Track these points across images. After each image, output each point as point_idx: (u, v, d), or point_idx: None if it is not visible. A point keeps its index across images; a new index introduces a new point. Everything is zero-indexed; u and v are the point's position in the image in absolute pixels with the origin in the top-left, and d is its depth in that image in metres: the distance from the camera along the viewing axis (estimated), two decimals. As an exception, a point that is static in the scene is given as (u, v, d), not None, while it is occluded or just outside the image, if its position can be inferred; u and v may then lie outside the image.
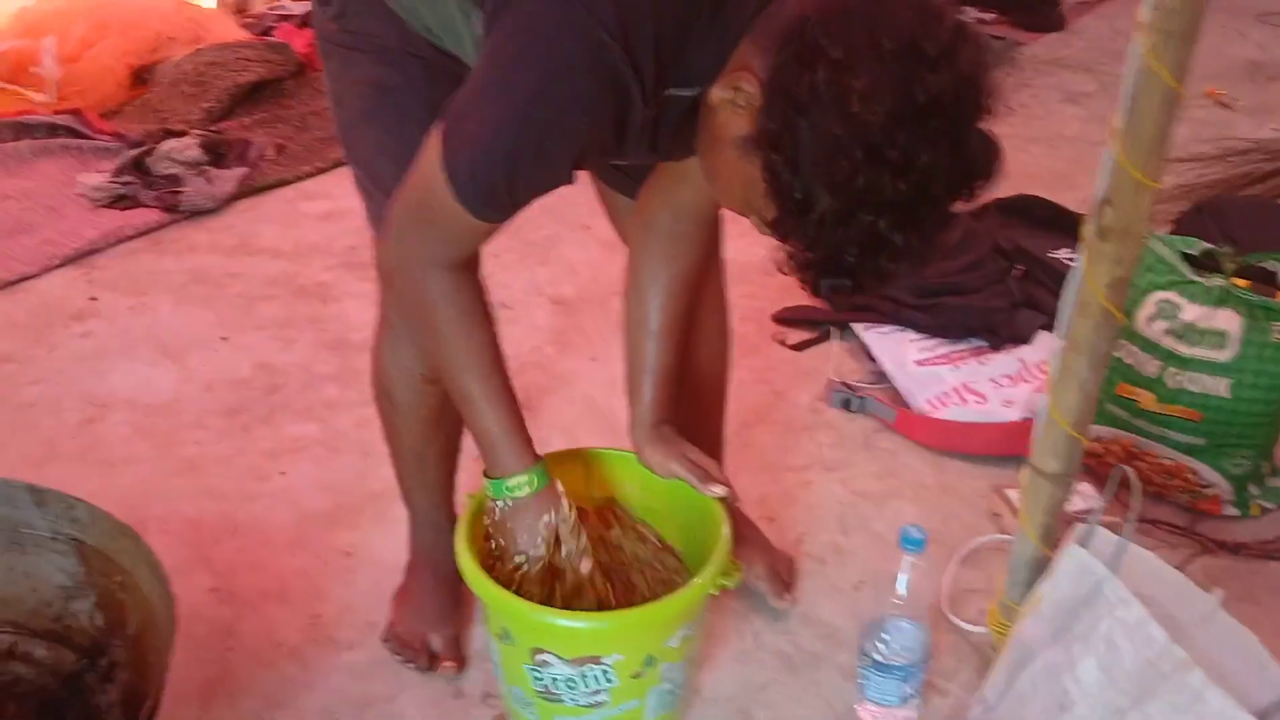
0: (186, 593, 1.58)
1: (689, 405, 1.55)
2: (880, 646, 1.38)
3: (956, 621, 1.56)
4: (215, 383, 2.04)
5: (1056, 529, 1.33)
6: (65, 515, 1.37)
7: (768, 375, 2.08)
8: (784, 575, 1.60)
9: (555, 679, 1.24)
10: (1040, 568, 1.33)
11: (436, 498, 1.52)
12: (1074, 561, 1.23)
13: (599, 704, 1.26)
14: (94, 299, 2.29)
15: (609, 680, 1.24)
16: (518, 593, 1.23)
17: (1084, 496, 1.69)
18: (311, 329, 2.21)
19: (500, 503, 1.26)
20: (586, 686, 1.24)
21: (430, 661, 1.49)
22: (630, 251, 1.39)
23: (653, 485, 1.40)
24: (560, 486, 1.28)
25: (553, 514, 1.27)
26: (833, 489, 1.82)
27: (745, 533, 1.61)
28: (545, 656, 1.23)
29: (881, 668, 1.37)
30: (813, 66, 0.94)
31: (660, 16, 1.03)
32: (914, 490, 1.83)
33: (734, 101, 1.02)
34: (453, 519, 1.55)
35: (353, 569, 1.65)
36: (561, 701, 1.26)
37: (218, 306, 2.28)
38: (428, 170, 1.10)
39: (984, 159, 0.98)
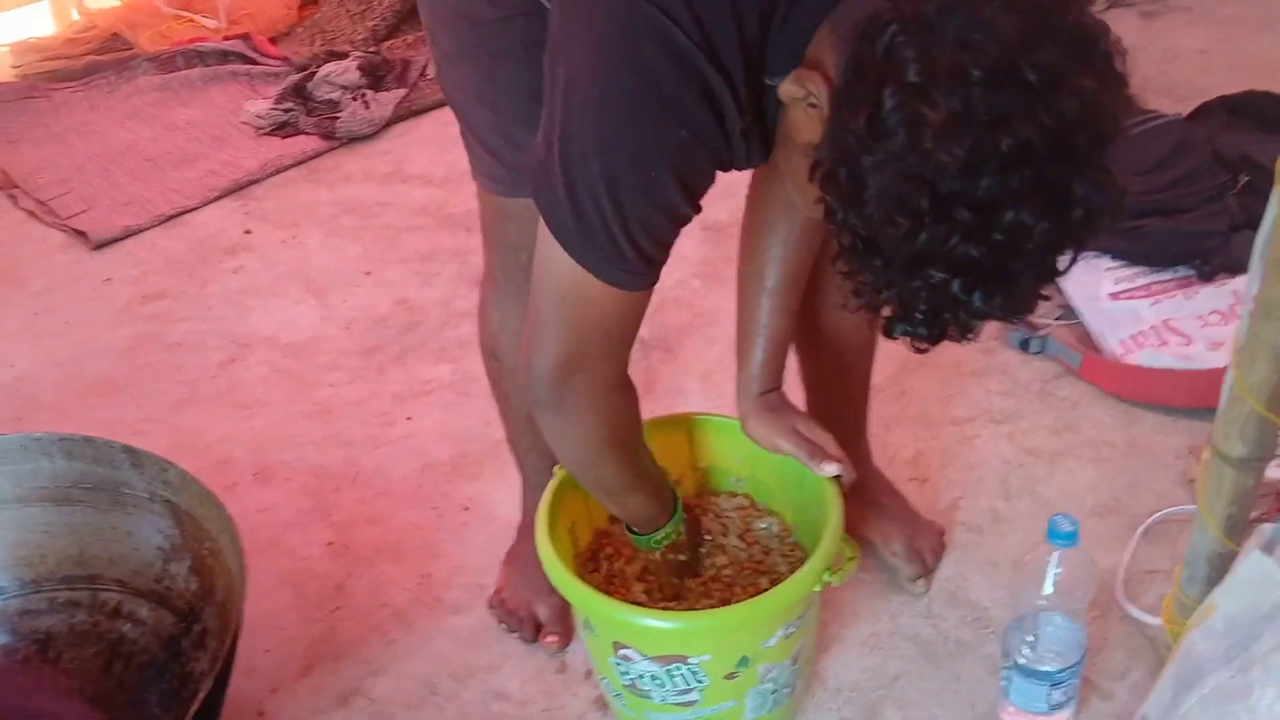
0: (303, 547, 1.57)
1: (828, 363, 1.38)
2: (1025, 648, 1.19)
3: (1131, 610, 1.35)
4: (355, 321, 2.00)
5: (1244, 521, 1.10)
6: (159, 478, 1.34)
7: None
8: (926, 553, 1.42)
9: (640, 674, 1.12)
10: (1223, 565, 1.10)
11: (550, 459, 1.41)
12: (1256, 569, 1.00)
13: (690, 703, 1.13)
14: (248, 232, 2.29)
15: (699, 680, 1.11)
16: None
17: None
18: (454, 262, 2.13)
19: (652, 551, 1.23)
20: (674, 685, 1.12)
21: (535, 632, 1.40)
22: (749, 193, 1.22)
23: (762, 458, 1.24)
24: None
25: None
26: (999, 445, 1.61)
27: (884, 501, 1.43)
28: (627, 651, 1.11)
29: (1027, 671, 1.18)
30: (882, 85, 0.76)
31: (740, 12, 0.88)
32: (1095, 449, 1.59)
33: (805, 101, 0.87)
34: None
35: (468, 524, 1.58)
36: (649, 698, 1.14)
37: (365, 239, 2.24)
38: (543, 254, 0.97)
39: (1091, 214, 0.77)
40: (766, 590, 1.22)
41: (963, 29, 0.75)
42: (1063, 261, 0.82)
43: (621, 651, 1.11)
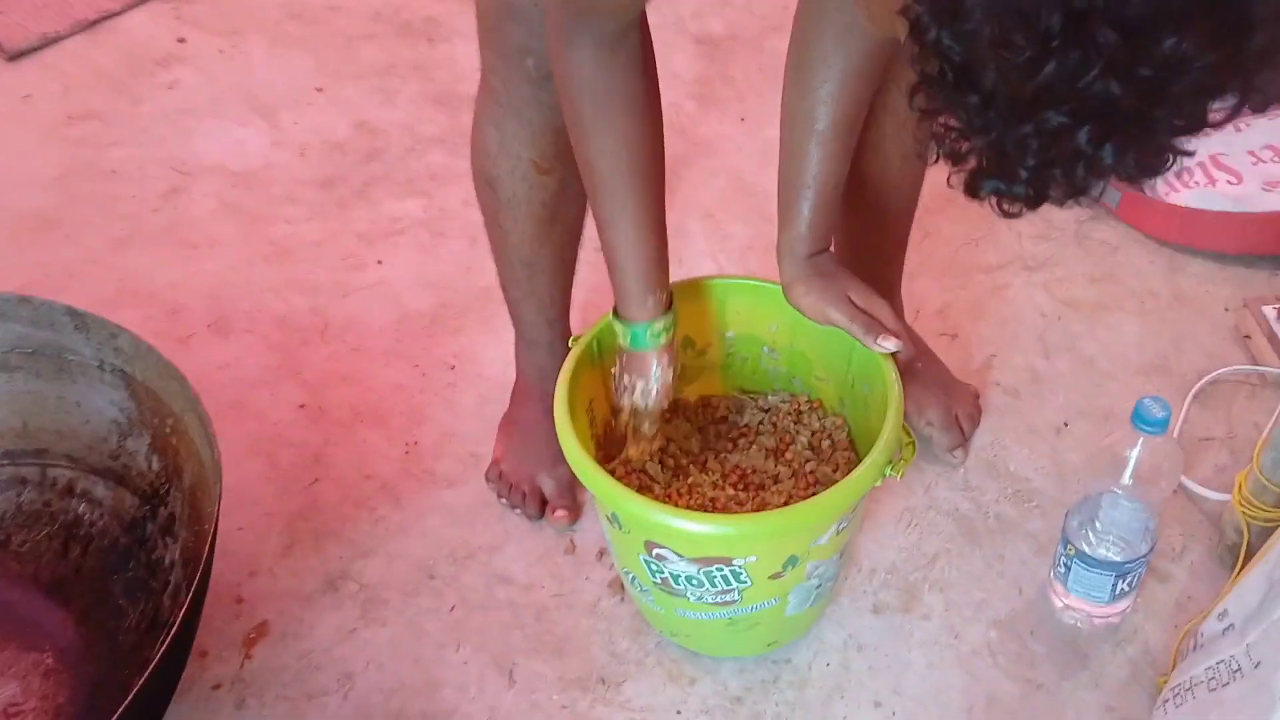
0: (272, 409, 1.41)
1: (867, 216, 1.23)
2: (1090, 534, 1.09)
3: (1186, 483, 1.25)
4: (309, 146, 1.79)
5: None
6: (109, 344, 1.17)
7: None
8: (962, 419, 1.30)
9: (675, 575, 1.01)
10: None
11: (550, 311, 1.26)
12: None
13: (728, 603, 1.02)
14: (182, 40, 2.02)
15: (741, 581, 1.00)
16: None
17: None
18: (415, 78, 1.90)
19: (636, 349, 1.08)
20: (713, 586, 1.01)
21: (539, 508, 1.27)
22: (796, 12, 1.03)
23: (803, 327, 1.10)
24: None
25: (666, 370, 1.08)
26: (1034, 296, 1.48)
27: (918, 365, 1.30)
28: (662, 551, 0.99)
29: (1091, 561, 1.09)
30: None
31: None
32: (1138, 299, 1.47)
33: None
34: (568, 338, 1.30)
35: (455, 385, 1.43)
36: (684, 597, 1.03)
37: (315, 49, 1.99)
38: None
39: (1273, 45, 0.57)
40: (811, 474, 1.12)
41: None
42: (1217, 109, 0.65)
43: (656, 551, 0.99)
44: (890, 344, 1.02)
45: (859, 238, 1.26)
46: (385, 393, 1.42)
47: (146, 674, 0.90)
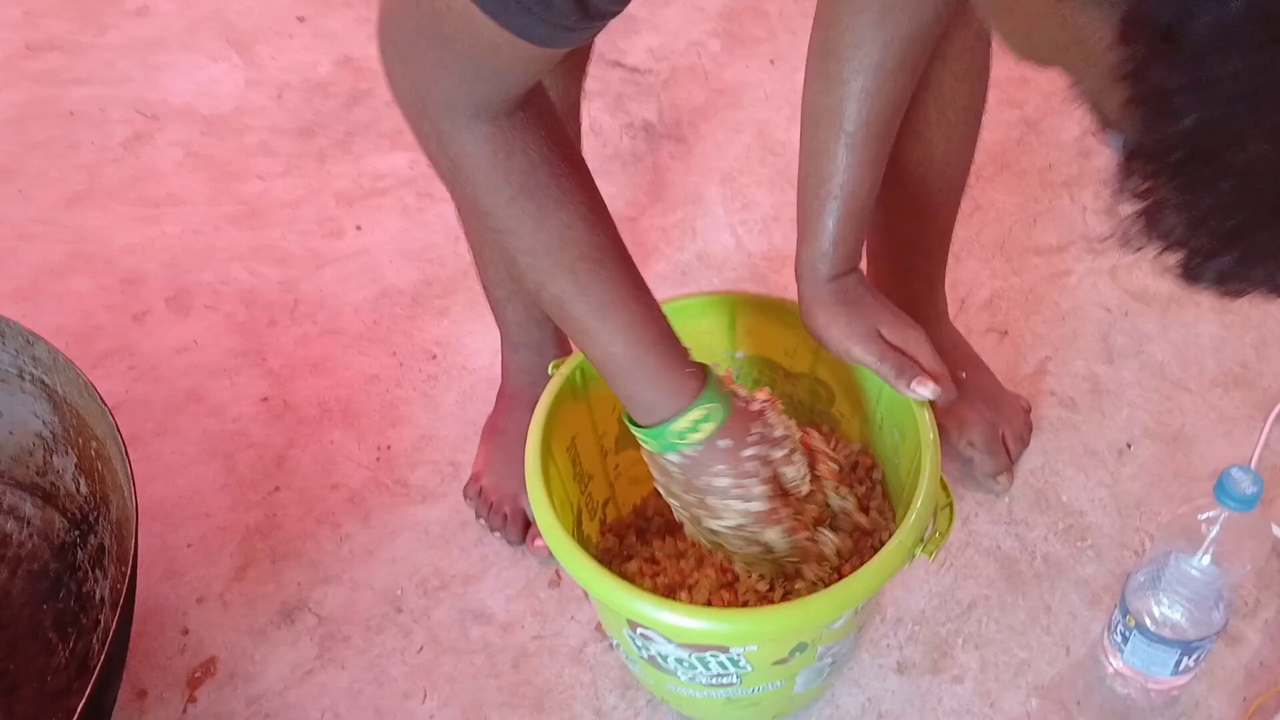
0: (233, 403, 1.27)
1: (907, 205, 1.05)
2: (1155, 608, 0.92)
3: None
4: (287, 86, 1.61)
5: None
6: (25, 352, 1.02)
7: (1015, 92, 1.48)
8: (1009, 439, 1.13)
9: (663, 655, 0.86)
10: None
11: (538, 310, 1.09)
12: None
13: (725, 684, 0.88)
14: (154, -43, 1.83)
15: (740, 667, 0.85)
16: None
17: None
18: (411, 6, 1.71)
19: (672, 456, 0.80)
20: (707, 669, 0.86)
21: (522, 534, 1.13)
22: None
23: (827, 354, 0.92)
24: (743, 391, 0.82)
25: (759, 436, 0.80)
26: (1097, 286, 1.29)
27: (962, 374, 1.13)
28: (647, 632, 0.84)
29: (1154, 637, 0.93)
30: None
31: None
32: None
33: None
34: (562, 339, 1.14)
35: (436, 378, 1.27)
36: (674, 675, 0.88)
37: (299, -30, 1.80)
38: None
39: None
40: (827, 537, 0.95)
41: None
42: None
43: (640, 630, 0.84)
44: (926, 390, 0.85)
45: (894, 228, 1.08)
46: (358, 386, 1.27)
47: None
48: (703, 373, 0.79)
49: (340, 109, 1.57)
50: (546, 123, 0.69)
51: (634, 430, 0.80)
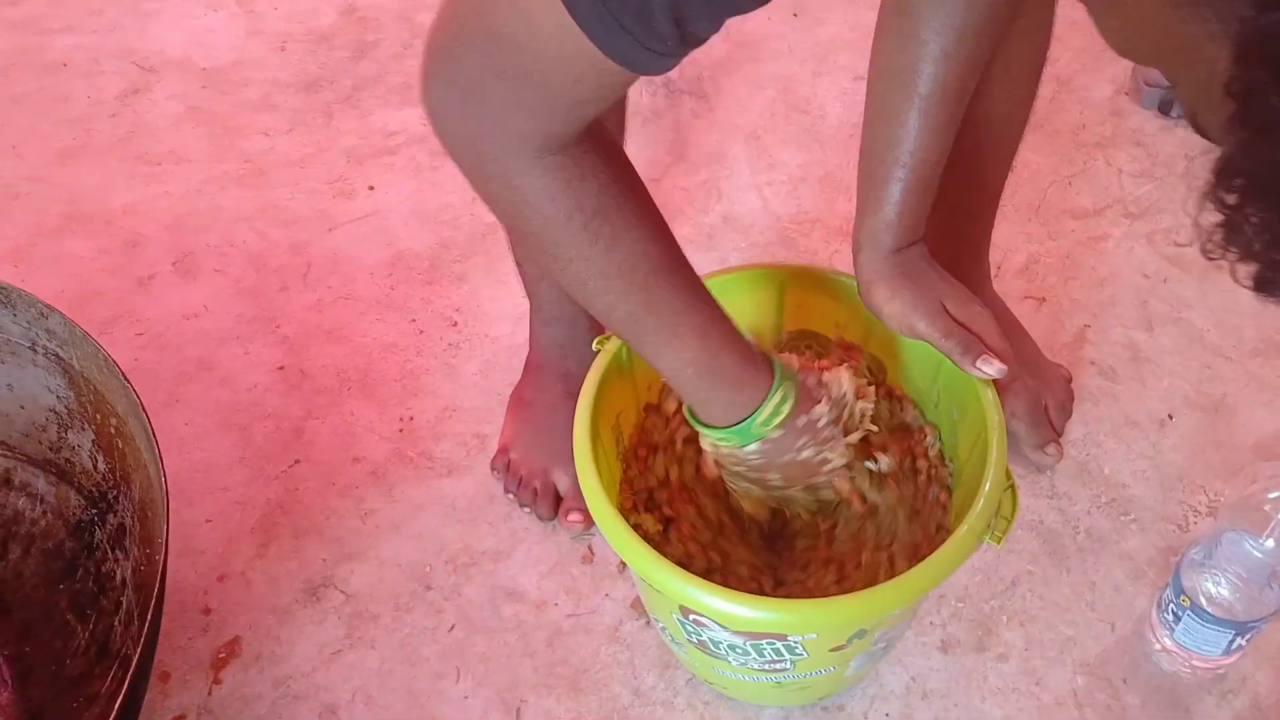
0: (246, 371, 1.22)
1: (961, 166, 1.01)
2: (1209, 585, 0.91)
3: (1312, 498, 1.06)
4: (290, 38, 1.54)
5: None
6: (39, 324, 0.97)
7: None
8: (1053, 410, 1.11)
9: (716, 641, 0.83)
10: None
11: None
12: None
13: (778, 670, 0.86)
14: (143, -101, 1.75)
15: (795, 654, 0.82)
16: None
17: None
18: (415, -47, 1.64)
19: (752, 446, 0.80)
20: (761, 656, 0.83)
21: (553, 509, 1.10)
22: None
23: (880, 325, 0.89)
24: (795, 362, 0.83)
25: (828, 400, 0.82)
26: (1135, 251, 1.26)
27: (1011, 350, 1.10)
28: (700, 619, 0.81)
29: (1208, 618, 0.91)
30: None
31: None
32: (1258, 258, 1.25)
33: None
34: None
35: (457, 346, 1.23)
36: (725, 660, 0.86)
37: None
38: None
39: None
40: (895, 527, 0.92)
41: None
42: None
43: (693, 617, 0.82)
44: (992, 368, 0.82)
45: (944, 190, 1.03)
46: (376, 354, 1.23)
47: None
48: (769, 359, 0.78)
49: (346, 61, 1.51)
50: (606, 141, 0.66)
51: (706, 431, 0.79)
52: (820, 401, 0.81)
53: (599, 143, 0.65)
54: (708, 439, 0.80)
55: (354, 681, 1.01)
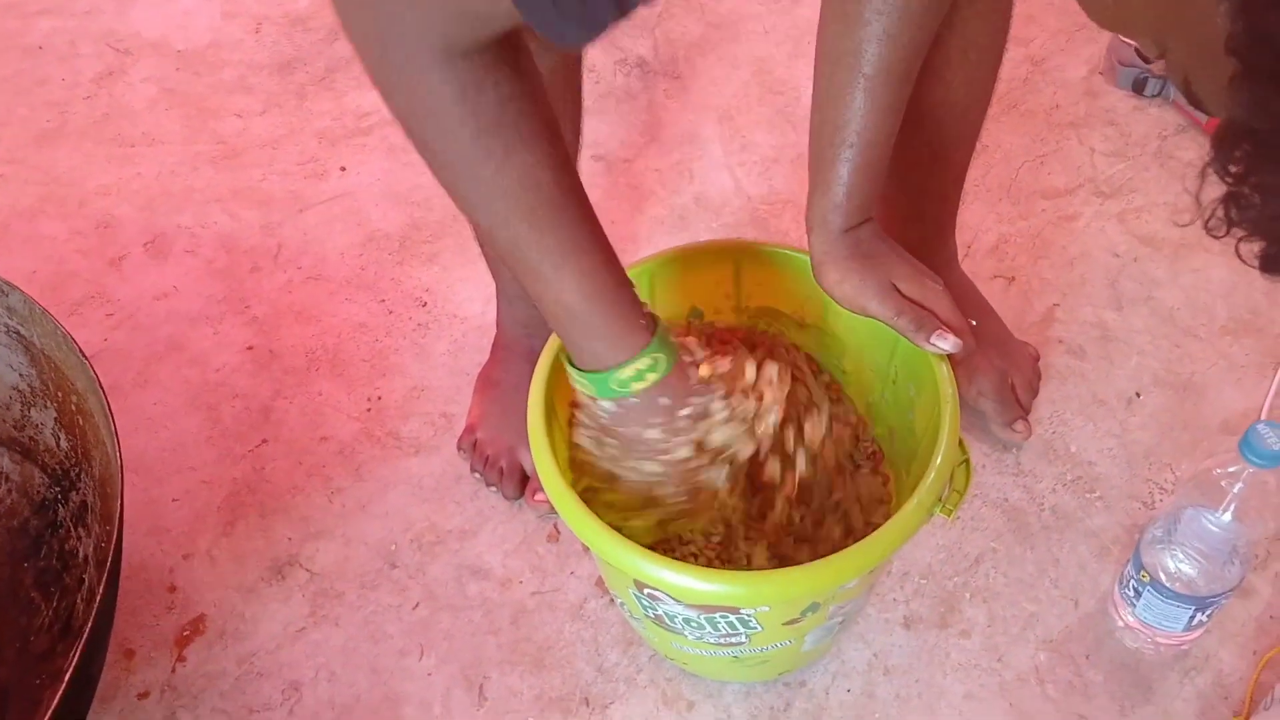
0: (215, 351, 1.22)
1: (922, 147, 1.01)
2: (1169, 562, 0.91)
3: (1277, 476, 1.06)
4: (266, 20, 1.54)
5: None
6: (0, 302, 0.97)
7: (1021, 29, 1.44)
8: (1020, 388, 1.11)
9: (671, 614, 0.84)
10: None
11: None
12: None
13: (734, 644, 0.86)
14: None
15: (750, 627, 0.83)
16: None
17: None
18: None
19: (606, 404, 0.78)
20: (716, 630, 0.84)
21: (519, 487, 1.10)
22: None
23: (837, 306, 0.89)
24: (698, 354, 0.80)
25: (698, 399, 0.79)
26: (1106, 230, 1.26)
27: (972, 321, 1.09)
28: (655, 592, 0.81)
29: (1168, 593, 0.91)
30: None
31: None
32: (1227, 238, 1.25)
33: None
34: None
35: (426, 326, 1.23)
36: (681, 634, 0.86)
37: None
38: None
39: None
40: (838, 495, 0.93)
41: None
42: None
43: (647, 590, 0.82)
44: (946, 344, 0.82)
45: (908, 171, 1.04)
46: (346, 334, 1.23)
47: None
48: (654, 325, 0.76)
49: (321, 44, 1.51)
50: (520, 62, 0.64)
51: (572, 373, 0.78)
52: (692, 395, 0.78)
53: (510, 60, 0.63)
54: (571, 376, 0.79)
55: (318, 659, 1.01)
